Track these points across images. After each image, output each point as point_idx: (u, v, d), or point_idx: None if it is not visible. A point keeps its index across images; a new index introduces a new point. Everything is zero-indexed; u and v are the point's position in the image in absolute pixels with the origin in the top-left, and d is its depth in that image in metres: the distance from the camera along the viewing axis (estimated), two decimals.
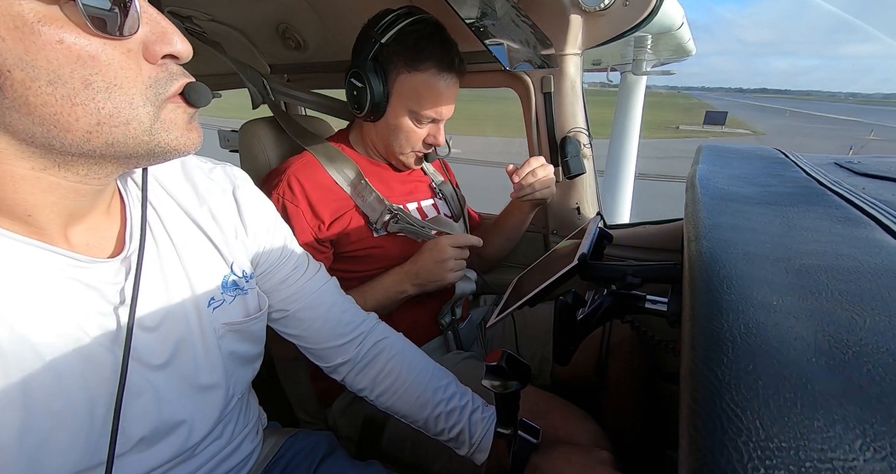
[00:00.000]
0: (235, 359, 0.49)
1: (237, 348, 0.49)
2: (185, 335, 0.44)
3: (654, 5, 0.75)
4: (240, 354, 0.50)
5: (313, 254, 0.74)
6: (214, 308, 0.47)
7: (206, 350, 0.45)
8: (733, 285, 0.29)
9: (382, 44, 0.72)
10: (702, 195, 0.52)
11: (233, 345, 0.48)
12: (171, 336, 0.43)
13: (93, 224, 0.38)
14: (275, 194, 0.76)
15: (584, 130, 0.92)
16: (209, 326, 0.46)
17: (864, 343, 0.23)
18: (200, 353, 0.45)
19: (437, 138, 0.79)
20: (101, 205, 0.39)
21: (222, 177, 0.52)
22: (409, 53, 0.71)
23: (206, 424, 0.46)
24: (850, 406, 0.18)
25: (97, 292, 0.37)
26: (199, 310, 0.45)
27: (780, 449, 0.17)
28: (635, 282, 0.53)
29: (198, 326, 0.45)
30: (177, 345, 0.43)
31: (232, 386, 0.49)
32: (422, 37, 0.72)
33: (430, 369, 0.60)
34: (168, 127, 0.34)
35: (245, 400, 0.55)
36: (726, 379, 0.21)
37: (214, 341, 0.46)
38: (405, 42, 0.71)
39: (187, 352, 0.44)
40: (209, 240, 0.48)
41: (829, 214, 0.44)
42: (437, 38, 0.73)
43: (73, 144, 0.31)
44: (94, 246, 0.39)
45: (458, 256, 0.76)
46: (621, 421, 0.79)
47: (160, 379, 0.41)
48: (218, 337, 0.47)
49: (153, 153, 0.34)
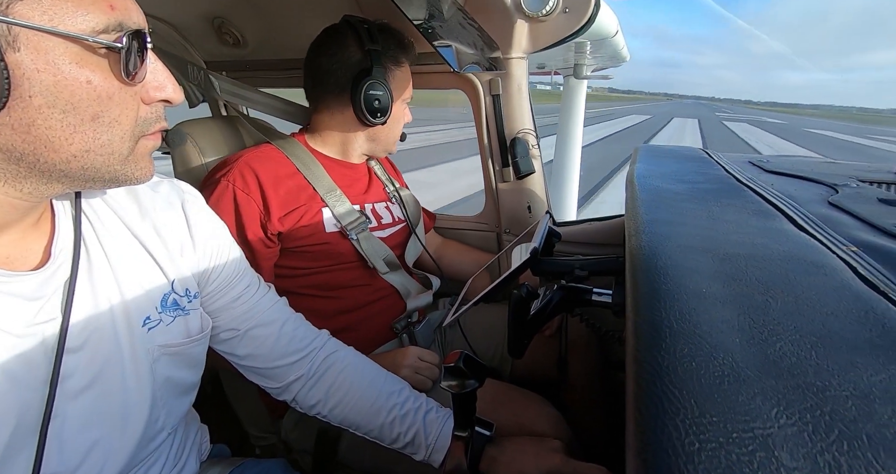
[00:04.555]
0: (170, 388, 0.45)
1: (173, 374, 0.45)
2: (113, 357, 0.40)
3: (591, 14, 0.79)
4: (176, 381, 0.46)
5: (260, 247, 0.71)
6: (150, 328, 0.43)
7: (136, 374, 0.42)
8: (669, 275, 0.32)
9: (375, 51, 0.76)
10: (640, 193, 0.56)
11: (168, 371, 0.45)
12: (97, 358, 0.39)
13: (17, 237, 0.37)
14: (224, 182, 0.72)
15: (532, 131, 0.96)
16: (142, 348, 0.42)
17: (776, 322, 0.25)
18: (130, 378, 0.41)
19: (408, 116, 0.88)
20: (29, 219, 0.37)
21: (169, 191, 0.49)
22: (394, 52, 0.79)
23: (121, 461, 0.41)
24: (768, 379, 0.21)
25: (17, 306, 0.34)
26: (132, 330, 0.42)
27: (711, 424, 0.18)
28: (583, 276, 0.56)
29: (129, 347, 0.41)
30: (101, 368, 0.39)
31: (162, 418, 0.45)
32: (393, 35, 0.79)
33: (381, 376, 0.60)
34: (137, 159, 0.37)
35: (179, 434, 0.50)
36: (665, 364, 0.22)
37: (147, 365, 0.42)
38: (388, 43, 0.78)
39: (112, 377, 0.40)
40: (150, 255, 0.45)
41: (745, 208, 0.49)
42: (398, 32, 0.80)
43: (50, 163, 0.33)
44: (16, 258, 0.36)
45: (420, 369, 0.74)
46: (583, 411, 0.83)
47: (75, 407, 0.38)
48: (152, 360, 0.43)
49: (115, 180, 0.37)
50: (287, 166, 0.77)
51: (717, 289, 0.29)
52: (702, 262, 0.34)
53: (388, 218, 0.88)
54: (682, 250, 0.36)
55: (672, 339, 0.24)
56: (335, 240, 0.78)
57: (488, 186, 1.03)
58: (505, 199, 1.01)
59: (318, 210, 0.77)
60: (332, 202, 0.78)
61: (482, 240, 1.09)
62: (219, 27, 1.04)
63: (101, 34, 0.32)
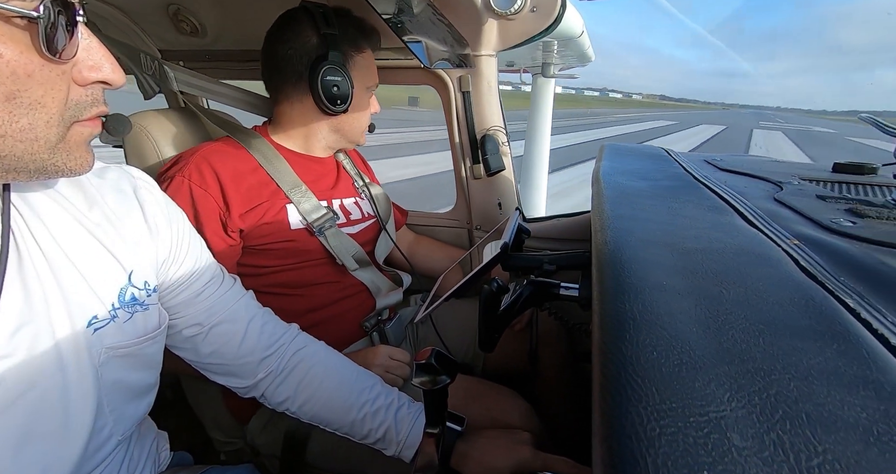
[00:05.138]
0: (121, 392, 0.42)
1: (125, 377, 0.42)
2: (50, 363, 0.37)
3: (557, 14, 0.81)
4: (127, 385, 0.43)
5: (220, 246, 0.68)
6: (97, 328, 0.40)
7: (79, 380, 0.38)
8: (633, 269, 0.33)
9: (332, 35, 0.73)
10: (605, 189, 0.58)
11: (118, 374, 0.41)
12: (31, 365, 0.35)
13: None
14: (179, 177, 0.68)
15: (502, 128, 0.97)
16: (86, 351, 0.39)
17: (728, 312, 0.27)
18: (72, 385, 0.38)
19: (375, 106, 0.85)
20: None
21: (118, 177, 0.45)
22: (354, 37, 0.76)
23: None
24: (721, 365, 0.22)
25: None
26: (75, 332, 0.38)
27: (671, 410, 0.19)
28: (551, 270, 0.58)
29: (71, 351, 0.38)
30: (36, 376, 0.36)
31: (110, 425, 0.41)
32: (352, 19, 0.77)
33: (353, 372, 0.59)
34: (70, 147, 0.34)
35: (132, 443, 0.47)
36: (629, 354, 0.23)
37: (92, 369, 0.39)
38: (346, 28, 0.76)
39: (50, 385, 0.37)
40: (103, 247, 0.41)
41: (701, 204, 0.52)
42: (357, 17, 0.78)
43: None
44: None
45: (391, 368, 0.74)
46: (553, 402, 0.85)
47: (5, 422, 0.34)
48: (98, 364, 0.40)
49: (44, 170, 0.33)
50: (248, 161, 0.74)
51: (676, 282, 0.31)
52: (663, 256, 0.35)
53: (358, 214, 0.86)
54: (645, 245, 0.38)
55: (635, 330, 0.25)
56: (301, 237, 0.76)
57: (459, 183, 1.04)
58: (476, 196, 1.02)
59: (282, 206, 0.75)
60: (296, 198, 0.75)
61: (453, 236, 1.10)
62: (175, 14, 0.98)
63: (12, 0, 0.28)
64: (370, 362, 0.73)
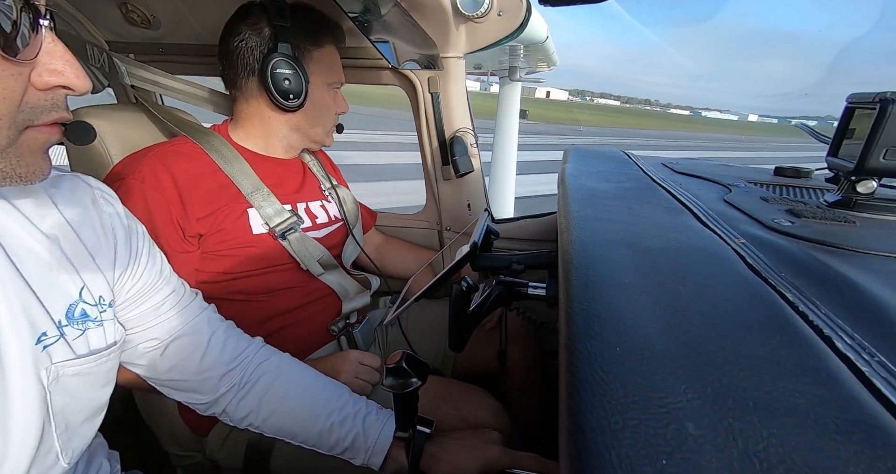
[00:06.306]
0: (72, 413, 0.39)
1: (77, 396, 0.39)
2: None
3: (523, 19, 0.83)
4: (79, 405, 0.40)
5: (175, 253, 0.65)
6: (46, 345, 0.37)
7: (23, 401, 0.35)
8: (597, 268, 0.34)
9: (284, 27, 0.70)
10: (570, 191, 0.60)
11: (70, 393, 0.39)
12: None
13: None
14: (131, 180, 0.64)
15: (471, 130, 0.98)
16: (33, 369, 0.36)
17: (684, 307, 0.29)
18: (15, 406, 0.35)
19: (342, 105, 0.82)
20: None
21: (73, 187, 0.43)
22: (310, 31, 0.74)
23: None
24: (679, 359, 0.23)
25: None
26: (22, 350, 0.35)
27: (634, 403, 0.20)
28: (519, 269, 0.59)
29: (17, 370, 0.35)
30: None
31: (57, 448, 0.38)
32: (308, 13, 0.74)
33: (318, 382, 0.58)
34: (21, 152, 0.32)
35: (81, 466, 0.44)
36: (594, 350, 0.24)
37: (38, 389, 0.36)
38: (301, 21, 0.73)
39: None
40: (55, 260, 0.39)
41: (660, 205, 0.54)
42: (317, 11, 0.76)
43: None
44: None
45: (360, 374, 0.72)
46: (522, 399, 0.87)
47: None
48: (47, 382, 0.37)
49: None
50: (206, 163, 0.71)
51: (637, 280, 0.32)
52: (625, 255, 0.37)
53: (324, 217, 0.84)
54: (608, 244, 0.39)
55: (600, 327, 0.26)
56: (264, 242, 0.73)
57: (429, 184, 1.04)
58: (445, 197, 1.02)
59: (243, 211, 0.72)
60: (258, 202, 0.72)
61: (423, 237, 1.10)
62: (123, 3, 0.92)
63: None
64: (339, 368, 0.71)
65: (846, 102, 0.60)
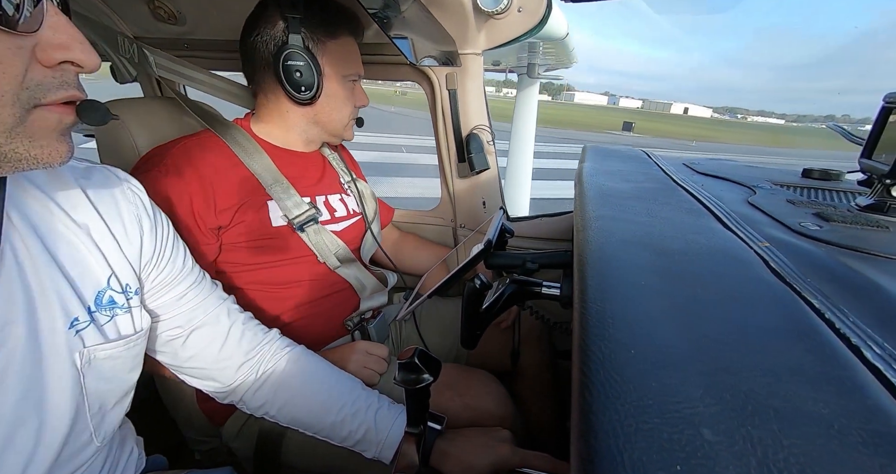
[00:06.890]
0: (104, 395, 0.41)
1: (109, 379, 0.41)
2: (25, 367, 0.35)
3: (543, 15, 0.82)
4: (111, 387, 0.42)
5: (196, 243, 0.67)
6: (79, 330, 0.39)
7: (59, 383, 0.37)
8: (613, 268, 0.34)
9: (297, 19, 0.71)
10: (587, 190, 0.59)
11: (102, 376, 0.41)
12: (8, 370, 0.34)
13: None
14: (155, 172, 0.66)
15: (487, 128, 0.97)
16: (67, 352, 0.38)
17: (702, 311, 0.28)
18: (52, 388, 0.37)
19: (361, 98, 0.81)
20: None
21: (104, 180, 0.44)
22: (325, 22, 0.74)
23: None
24: (696, 363, 0.23)
25: None
26: (55, 333, 0.37)
27: (648, 406, 0.20)
28: (533, 269, 0.59)
29: (51, 353, 0.37)
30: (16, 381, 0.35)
31: (91, 430, 0.40)
32: (323, 4, 0.74)
33: (332, 375, 0.59)
34: (32, 133, 0.31)
35: (115, 447, 0.46)
36: (608, 352, 0.24)
37: (72, 372, 0.38)
38: (315, 12, 0.73)
39: (27, 390, 0.35)
40: (83, 249, 0.40)
41: (680, 206, 0.53)
42: (332, 1, 0.76)
43: None
44: None
45: (368, 363, 0.73)
46: (534, 400, 0.86)
47: None
48: (81, 365, 0.39)
49: (5, 158, 0.31)
50: (228, 156, 0.73)
51: (654, 282, 0.32)
52: (642, 256, 0.36)
53: (343, 210, 0.85)
54: (625, 245, 0.38)
55: (614, 329, 0.26)
56: (283, 234, 0.74)
57: (444, 181, 1.04)
58: (460, 194, 1.02)
59: (263, 203, 0.73)
60: (277, 194, 0.74)
61: (438, 234, 1.10)
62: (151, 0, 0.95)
63: None
64: (347, 357, 0.72)
65: (882, 102, 0.57)
